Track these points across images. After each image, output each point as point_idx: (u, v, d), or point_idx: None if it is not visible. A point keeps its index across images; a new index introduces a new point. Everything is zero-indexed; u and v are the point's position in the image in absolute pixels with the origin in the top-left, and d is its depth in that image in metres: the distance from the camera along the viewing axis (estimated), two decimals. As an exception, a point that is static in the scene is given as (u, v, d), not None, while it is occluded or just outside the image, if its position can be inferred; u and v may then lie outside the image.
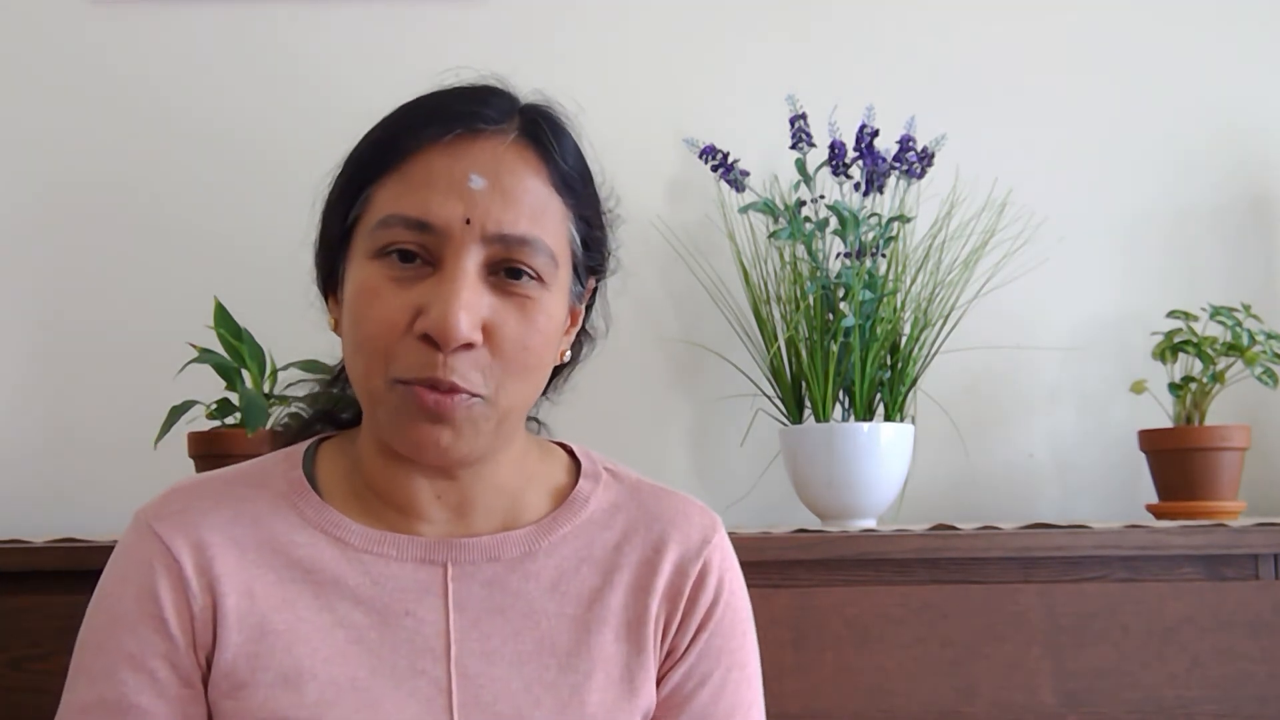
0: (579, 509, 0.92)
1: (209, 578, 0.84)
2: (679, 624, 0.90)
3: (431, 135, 0.83)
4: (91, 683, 0.83)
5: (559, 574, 0.89)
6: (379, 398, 0.83)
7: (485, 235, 0.81)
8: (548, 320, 0.84)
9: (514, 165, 0.84)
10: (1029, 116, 1.62)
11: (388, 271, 0.82)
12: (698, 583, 0.91)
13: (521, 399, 0.86)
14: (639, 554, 0.91)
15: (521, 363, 0.83)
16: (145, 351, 1.50)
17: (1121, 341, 1.60)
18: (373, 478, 0.90)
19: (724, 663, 0.91)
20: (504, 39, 1.58)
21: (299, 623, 0.84)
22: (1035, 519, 1.51)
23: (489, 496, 0.90)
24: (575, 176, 0.87)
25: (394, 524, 0.89)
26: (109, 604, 0.86)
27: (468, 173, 0.82)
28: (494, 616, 0.87)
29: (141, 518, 0.87)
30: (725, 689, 0.91)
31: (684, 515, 0.93)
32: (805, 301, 1.42)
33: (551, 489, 0.94)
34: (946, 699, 1.21)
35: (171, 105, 1.56)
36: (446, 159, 0.83)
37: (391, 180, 0.84)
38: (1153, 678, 1.22)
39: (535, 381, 0.86)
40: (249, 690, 0.82)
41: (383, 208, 0.83)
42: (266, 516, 0.87)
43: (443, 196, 0.81)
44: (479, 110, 0.84)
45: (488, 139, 0.84)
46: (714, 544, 0.93)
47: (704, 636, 0.91)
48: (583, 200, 0.88)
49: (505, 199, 0.82)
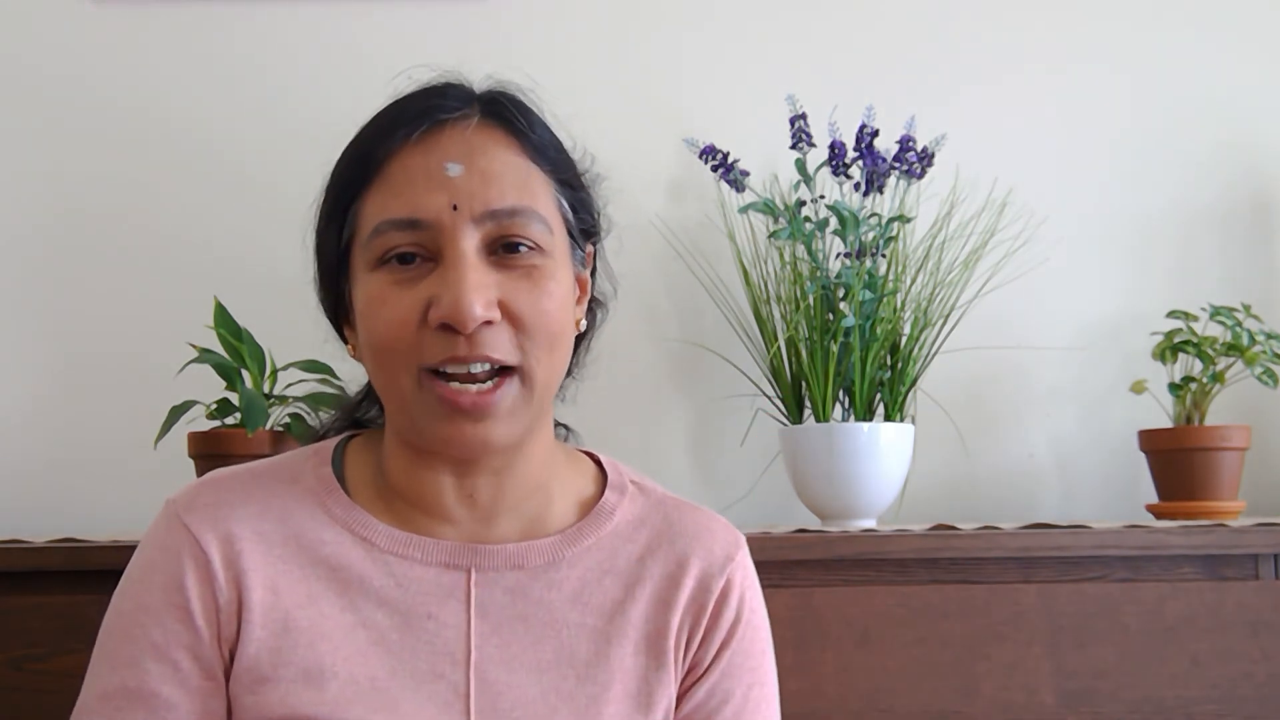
0: (604, 521, 0.92)
1: (236, 571, 0.84)
2: (701, 640, 0.90)
3: (400, 138, 0.85)
4: (114, 670, 0.84)
5: (582, 584, 0.89)
6: (410, 399, 0.84)
7: (475, 216, 0.83)
8: (556, 285, 0.85)
9: (485, 144, 0.85)
10: (1029, 116, 1.62)
11: (391, 277, 0.83)
12: (721, 599, 0.91)
13: (552, 370, 0.86)
14: (662, 568, 0.91)
15: (544, 329, 0.84)
16: (145, 351, 1.50)
17: (1121, 341, 1.60)
18: (397, 479, 0.90)
19: (745, 680, 0.92)
20: (504, 39, 1.58)
21: (322, 620, 0.84)
22: (1035, 519, 1.51)
23: (518, 494, 0.90)
24: (547, 144, 0.89)
25: (419, 526, 0.89)
26: (135, 592, 0.86)
27: (442, 163, 0.83)
28: (515, 624, 0.87)
29: (171, 509, 0.88)
30: (746, 706, 0.91)
31: (709, 531, 0.94)
32: (805, 301, 1.42)
33: (579, 499, 0.94)
34: (946, 699, 1.21)
35: (172, 105, 1.56)
36: (419, 155, 0.84)
37: (372, 191, 0.85)
38: (1153, 678, 1.22)
39: (561, 350, 0.87)
40: (270, 685, 0.82)
41: (371, 218, 0.84)
42: (294, 513, 0.88)
43: (425, 191, 0.83)
44: (439, 103, 0.86)
45: (453, 127, 0.85)
46: (737, 561, 0.93)
47: (726, 654, 0.91)
48: (559, 165, 0.89)
49: (485, 178, 0.84)
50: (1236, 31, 1.65)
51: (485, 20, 1.59)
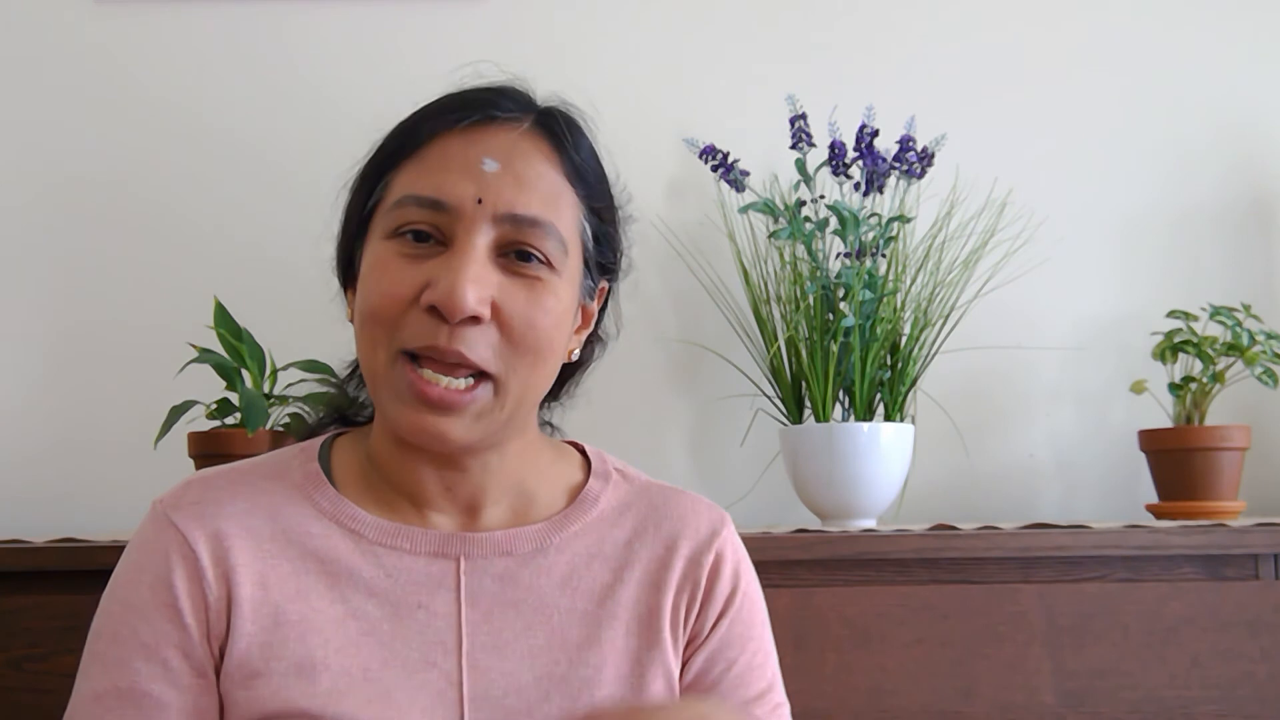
0: (589, 507, 0.93)
1: (225, 568, 0.84)
2: (699, 612, 0.91)
3: (448, 122, 0.87)
4: (105, 671, 0.84)
5: (570, 569, 0.90)
6: (382, 376, 0.84)
7: (496, 215, 0.84)
8: (556, 303, 0.86)
9: (527, 152, 0.86)
10: (1029, 116, 1.62)
11: (400, 249, 0.85)
12: (713, 572, 0.92)
13: (531, 387, 0.87)
14: (651, 551, 0.92)
15: (530, 343, 0.84)
16: (145, 351, 1.50)
17: (1121, 341, 1.60)
18: (385, 467, 0.90)
19: (748, 648, 0.93)
20: (504, 39, 1.58)
21: (312, 613, 0.85)
22: (1035, 519, 1.51)
23: (497, 490, 0.91)
24: (588, 169, 0.90)
25: (407, 516, 0.89)
26: (124, 593, 0.86)
27: (481, 156, 0.85)
28: (506, 610, 0.87)
29: (158, 508, 0.88)
30: (751, 671, 0.92)
31: (693, 511, 0.95)
32: (805, 301, 1.42)
33: (567, 487, 0.95)
34: (946, 699, 1.21)
35: (172, 105, 1.56)
36: (461, 143, 0.86)
37: (409, 165, 0.87)
38: (1153, 678, 1.22)
39: (544, 369, 0.87)
40: (262, 679, 0.83)
41: (399, 190, 0.86)
42: (282, 507, 0.88)
43: (456, 177, 0.84)
44: (496, 100, 0.88)
45: (502, 126, 0.87)
46: (723, 536, 0.94)
47: (724, 624, 0.92)
48: (594, 193, 0.90)
49: (518, 182, 0.85)
50: (1236, 31, 1.65)
51: (485, 20, 1.59)
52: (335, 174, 0.93)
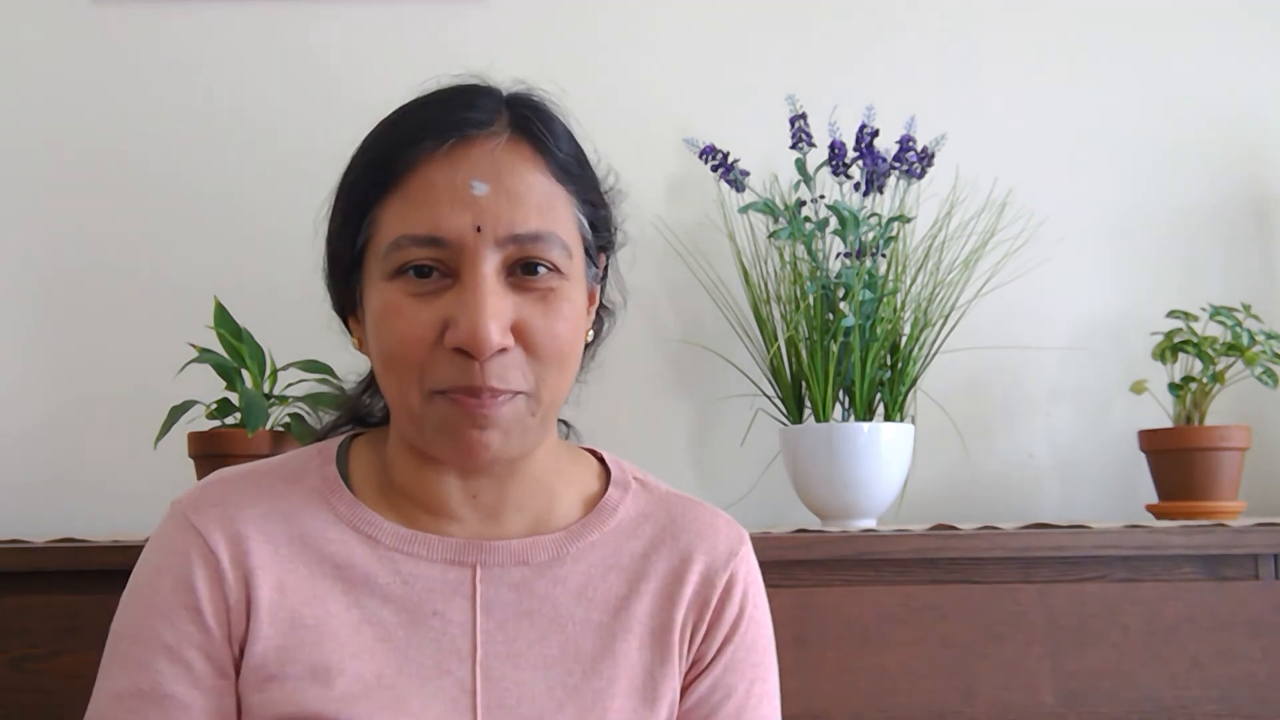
0: (607, 517, 0.93)
1: (244, 570, 0.84)
2: (705, 633, 0.91)
3: (426, 149, 0.83)
4: (126, 672, 0.84)
5: (586, 580, 0.89)
6: (417, 413, 0.84)
7: (498, 239, 0.82)
8: (571, 307, 0.85)
9: (513, 164, 0.84)
10: (1029, 116, 1.62)
11: (407, 289, 0.83)
12: (724, 594, 0.92)
13: (560, 389, 0.86)
14: (666, 563, 0.91)
15: (556, 354, 0.84)
16: (145, 351, 1.50)
17: (1121, 341, 1.60)
18: (403, 480, 0.90)
19: (748, 675, 0.92)
20: (504, 38, 1.58)
21: (328, 618, 0.85)
22: (1035, 519, 1.51)
23: (523, 494, 0.90)
24: (573, 162, 0.88)
25: (424, 523, 0.89)
26: (145, 594, 0.86)
27: (468, 180, 0.82)
28: (521, 620, 0.87)
29: (178, 509, 0.88)
30: (749, 702, 0.92)
31: (711, 527, 0.94)
32: (805, 301, 1.42)
33: (583, 495, 0.94)
34: (946, 699, 1.21)
35: (171, 105, 1.56)
36: (445, 170, 0.83)
37: (394, 200, 0.84)
38: (1153, 678, 1.22)
39: (571, 368, 0.87)
40: (277, 683, 0.83)
41: (391, 230, 0.83)
42: (300, 512, 0.88)
43: (449, 208, 0.82)
44: (467, 115, 0.84)
45: (482, 143, 0.84)
46: (740, 557, 0.94)
47: (729, 649, 0.91)
48: (584, 184, 0.89)
49: (511, 200, 0.83)
50: (1237, 31, 1.65)
51: (485, 20, 1.59)
52: (336, 174, 0.92)
